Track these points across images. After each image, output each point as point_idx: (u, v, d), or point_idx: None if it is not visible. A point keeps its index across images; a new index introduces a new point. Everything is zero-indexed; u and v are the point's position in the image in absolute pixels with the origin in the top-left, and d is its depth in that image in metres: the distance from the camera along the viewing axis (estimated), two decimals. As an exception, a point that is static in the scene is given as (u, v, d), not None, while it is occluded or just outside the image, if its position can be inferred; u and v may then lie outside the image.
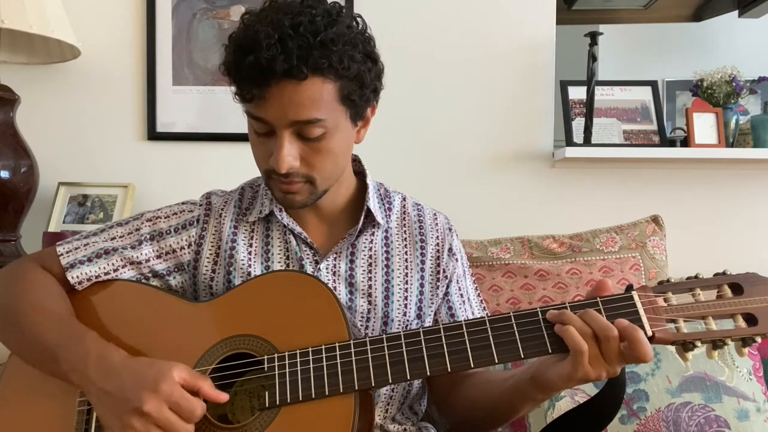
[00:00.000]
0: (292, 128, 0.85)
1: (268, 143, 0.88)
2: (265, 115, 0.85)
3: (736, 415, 1.20)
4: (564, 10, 1.90)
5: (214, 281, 0.98)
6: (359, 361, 0.79)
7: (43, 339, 0.86)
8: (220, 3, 1.78)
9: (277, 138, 0.86)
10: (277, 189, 0.92)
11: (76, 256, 0.97)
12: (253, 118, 0.87)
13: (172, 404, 0.75)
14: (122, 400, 0.76)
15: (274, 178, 0.90)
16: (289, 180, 0.89)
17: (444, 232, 1.04)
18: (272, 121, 0.85)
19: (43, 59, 1.73)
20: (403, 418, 1.00)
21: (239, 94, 0.86)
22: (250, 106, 0.86)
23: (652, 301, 0.76)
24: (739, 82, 1.71)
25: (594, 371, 0.73)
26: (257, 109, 0.85)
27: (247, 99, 0.85)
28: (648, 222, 1.55)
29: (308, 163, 0.88)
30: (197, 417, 0.76)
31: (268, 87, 0.82)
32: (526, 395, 0.83)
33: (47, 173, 1.70)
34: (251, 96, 0.84)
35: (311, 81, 0.82)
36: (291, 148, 0.86)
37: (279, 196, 0.94)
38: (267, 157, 0.88)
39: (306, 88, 0.82)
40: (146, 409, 0.74)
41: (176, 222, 1.01)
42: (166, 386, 0.75)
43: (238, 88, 0.86)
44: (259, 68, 0.81)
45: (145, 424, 0.74)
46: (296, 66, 0.80)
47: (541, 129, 1.77)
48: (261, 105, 0.84)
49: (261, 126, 0.87)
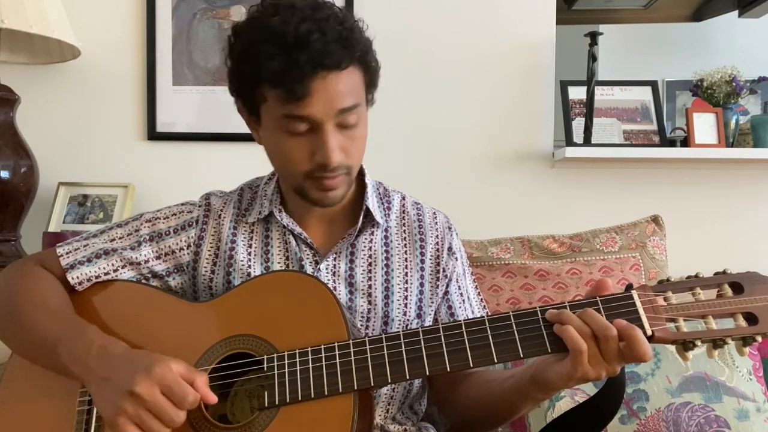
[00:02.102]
0: (336, 119, 0.86)
1: (307, 142, 0.87)
2: (311, 111, 0.84)
3: (736, 415, 1.20)
4: (564, 10, 1.90)
5: (213, 282, 0.98)
6: (358, 361, 0.79)
7: (44, 333, 0.87)
8: (220, 3, 1.78)
9: (320, 133, 0.86)
10: (316, 189, 0.90)
11: (76, 257, 0.97)
12: (293, 118, 0.85)
13: (164, 388, 0.75)
14: (117, 384, 0.76)
15: (316, 177, 0.89)
16: (333, 174, 0.88)
17: (444, 231, 1.04)
18: (319, 115, 0.84)
19: (43, 59, 1.74)
20: (403, 417, 1.00)
21: (282, 90, 0.83)
22: (291, 107, 0.84)
23: (652, 301, 0.76)
24: (739, 82, 1.71)
25: (593, 371, 0.73)
26: (301, 108, 0.83)
27: (292, 99, 0.83)
28: (648, 222, 1.55)
29: (347, 153, 0.89)
30: (189, 404, 0.75)
31: (313, 82, 0.82)
32: (526, 395, 0.83)
33: (47, 173, 1.70)
34: (299, 95, 0.82)
35: (350, 69, 0.86)
36: (336, 139, 0.86)
37: (317, 197, 0.91)
38: (307, 156, 0.87)
39: (346, 77, 0.85)
40: (138, 390, 0.74)
41: (175, 223, 1.01)
42: (160, 369, 0.75)
43: (281, 85, 0.83)
44: (311, 63, 0.81)
45: (136, 408, 0.74)
46: (340, 56, 0.83)
47: (541, 129, 1.77)
48: (306, 102, 0.83)
49: (302, 125, 0.86)
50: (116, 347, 0.82)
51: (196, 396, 0.76)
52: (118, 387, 0.76)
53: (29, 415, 0.88)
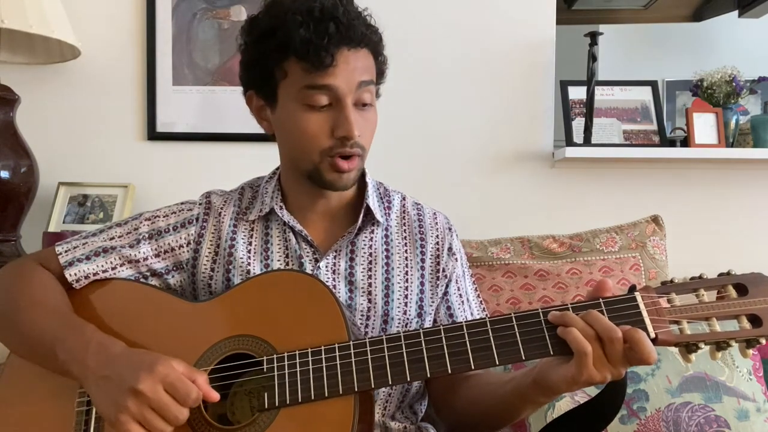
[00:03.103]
0: (355, 94, 0.90)
1: (327, 118, 0.90)
2: (335, 81, 0.88)
3: (736, 415, 1.20)
4: (564, 10, 1.90)
5: (213, 279, 0.98)
6: (359, 362, 0.79)
7: (41, 332, 0.87)
8: (220, 3, 1.78)
9: (341, 107, 0.89)
10: (331, 169, 0.92)
11: (75, 255, 0.97)
12: (316, 88, 0.88)
13: (168, 385, 0.75)
14: (119, 382, 0.76)
15: (334, 154, 0.90)
16: (351, 152, 0.90)
17: (444, 232, 1.04)
18: (342, 86, 0.88)
19: (43, 59, 1.73)
20: (402, 417, 1.00)
21: (309, 61, 0.87)
22: (315, 76, 0.88)
23: (655, 302, 0.75)
24: (739, 82, 1.72)
25: (598, 374, 0.72)
26: (325, 77, 0.88)
27: (318, 67, 0.87)
28: (648, 222, 1.55)
29: (363, 134, 0.92)
30: (192, 401, 0.75)
31: (338, 54, 0.87)
32: (527, 398, 0.82)
33: (47, 173, 1.70)
34: (326, 63, 0.86)
35: (364, 51, 0.91)
36: (356, 115, 0.90)
37: (331, 178, 0.92)
38: (327, 132, 0.90)
39: (362, 56, 0.91)
40: (141, 387, 0.73)
41: (175, 220, 1.01)
42: (162, 367, 0.75)
43: (309, 56, 0.86)
44: (338, 34, 0.87)
45: (139, 406, 0.74)
46: (361, 33, 0.89)
47: (541, 129, 1.77)
48: (330, 72, 0.87)
49: (324, 98, 0.89)
50: (115, 346, 0.82)
51: (198, 393, 0.76)
52: (119, 385, 0.76)
53: (28, 416, 0.88)
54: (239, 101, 1.14)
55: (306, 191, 0.99)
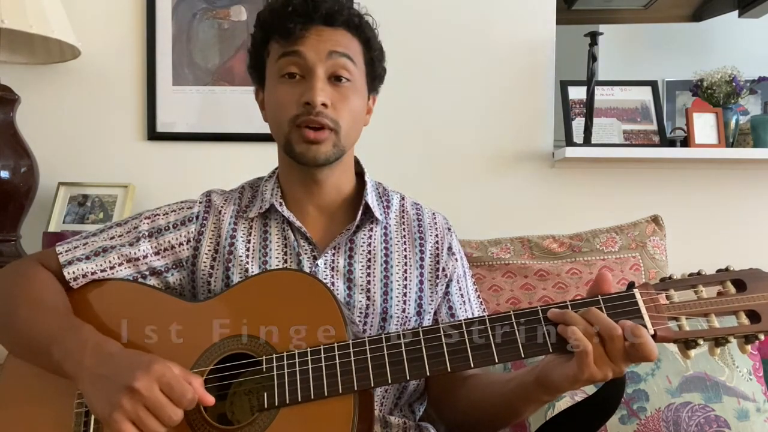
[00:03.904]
0: (326, 64, 0.92)
1: (297, 87, 0.92)
2: (304, 48, 0.92)
3: (736, 415, 1.20)
4: (564, 10, 1.90)
5: (212, 278, 0.98)
6: (358, 361, 0.79)
7: (38, 331, 0.87)
8: (220, 3, 1.78)
9: (310, 77, 0.92)
10: (302, 139, 0.93)
11: (74, 254, 0.97)
12: (287, 55, 0.93)
13: (164, 385, 0.74)
14: (114, 380, 0.75)
15: (300, 123, 0.92)
16: (318, 120, 0.91)
17: (443, 231, 1.05)
18: (310, 54, 0.92)
19: (43, 59, 1.73)
20: (400, 414, 1.00)
21: (279, 31, 0.93)
22: (286, 45, 0.92)
23: (654, 299, 0.75)
24: (739, 82, 1.72)
25: (600, 371, 0.72)
26: (294, 45, 0.92)
27: (286, 36, 0.92)
28: (648, 222, 1.55)
29: (335, 108, 0.93)
30: (188, 402, 0.75)
31: (310, 28, 0.92)
32: (530, 396, 0.82)
33: (47, 173, 1.70)
34: (292, 32, 0.91)
35: (343, 32, 0.95)
36: (324, 84, 0.92)
37: (301, 150, 0.93)
38: (296, 100, 0.92)
39: (340, 34, 0.95)
40: (137, 385, 0.73)
41: (175, 218, 1.01)
42: (159, 367, 0.75)
43: (279, 28, 0.92)
44: (305, 5, 0.91)
45: (134, 404, 0.73)
46: (336, 12, 0.93)
47: (541, 129, 1.77)
48: (300, 41, 0.92)
49: (293, 67, 0.93)
50: (111, 346, 0.82)
51: (194, 395, 0.76)
52: (115, 383, 0.75)
53: (27, 417, 0.88)
54: (239, 101, 1.16)
55: (300, 183, 0.99)
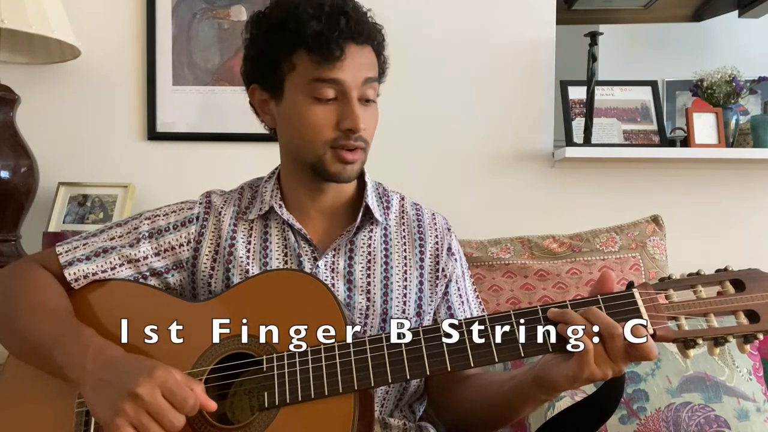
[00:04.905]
0: (360, 90, 0.92)
1: (333, 110, 0.92)
2: (342, 75, 0.90)
3: (736, 415, 1.20)
4: (564, 10, 1.90)
5: (213, 278, 0.98)
6: (358, 361, 0.79)
7: (39, 336, 0.87)
8: (220, 3, 1.78)
9: (347, 101, 0.91)
10: (336, 161, 0.93)
11: (75, 255, 0.97)
12: (324, 81, 0.90)
13: (166, 390, 0.74)
14: (117, 385, 0.75)
15: (339, 146, 0.92)
16: (355, 144, 0.92)
17: (443, 232, 1.05)
18: (349, 80, 0.91)
19: (43, 59, 1.74)
20: (401, 415, 1.00)
21: (319, 54, 0.89)
22: (324, 70, 0.90)
23: (654, 299, 0.75)
24: (739, 82, 1.71)
25: (600, 371, 0.72)
26: (334, 71, 0.90)
27: (329, 59, 0.89)
28: (648, 222, 1.55)
29: (366, 129, 0.94)
30: (190, 407, 0.75)
31: (347, 48, 0.90)
32: (528, 396, 0.82)
33: (47, 173, 1.70)
34: (337, 57, 0.89)
35: (368, 48, 0.95)
36: (361, 111, 0.92)
37: (336, 170, 0.93)
38: (333, 124, 0.92)
39: (367, 53, 0.94)
40: (139, 391, 0.73)
41: (175, 219, 1.01)
42: (162, 372, 0.75)
43: (319, 49, 0.89)
44: (349, 29, 0.90)
45: (136, 410, 0.73)
46: (368, 31, 0.93)
47: (541, 129, 1.77)
48: (338, 66, 0.90)
49: (331, 91, 0.91)
50: (113, 350, 0.82)
51: (196, 400, 0.76)
52: (117, 388, 0.75)
53: (27, 417, 0.88)
54: (239, 101, 1.15)
55: (305, 187, 0.99)
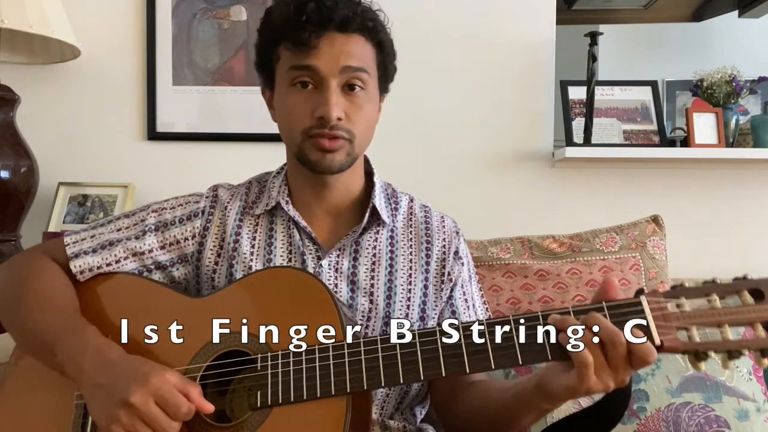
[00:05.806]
0: (340, 77, 0.90)
1: (310, 99, 0.90)
2: (316, 62, 0.89)
3: (736, 415, 1.20)
4: (564, 10, 1.90)
5: (216, 274, 0.98)
6: (352, 363, 0.78)
7: (42, 330, 0.87)
8: (220, 3, 1.78)
9: (324, 90, 0.90)
10: (315, 149, 0.91)
11: (82, 247, 0.98)
12: (300, 69, 0.90)
13: (159, 399, 0.75)
14: (112, 392, 0.76)
15: (314, 134, 0.90)
16: (332, 133, 0.90)
17: (451, 235, 1.04)
18: (324, 68, 0.89)
19: (43, 59, 1.73)
20: (401, 418, 1.00)
21: (291, 41, 0.89)
22: (299, 57, 0.89)
23: (663, 307, 0.70)
24: (739, 82, 1.71)
25: (600, 383, 0.69)
26: (308, 58, 0.89)
27: (299, 46, 0.88)
28: (648, 222, 1.55)
29: (350, 118, 0.91)
30: (183, 415, 0.75)
31: (323, 35, 0.88)
32: (529, 404, 0.79)
33: (47, 173, 1.70)
34: (305, 43, 0.88)
35: (357, 37, 0.91)
36: (338, 97, 0.90)
37: (315, 158, 0.92)
38: (309, 112, 0.90)
39: (354, 42, 0.91)
40: (132, 400, 0.74)
41: (181, 213, 1.01)
42: (156, 380, 0.75)
43: (291, 36, 0.89)
44: (318, 13, 0.88)
45: (130, 418, 0.74)
46: (346, 17, 0.89)
47: (541, 129, 1.77)
48: (313, 54, 0.89)
49: (307, 77, 0.90)
50: (112, 351, 0.82)
51: (190, 407, 0.76)
52: (112, 395, 0.76)
53: (28, 409, 0.89)
54: (239, 101, 1.16)
55: (309, 184, 0.99)
